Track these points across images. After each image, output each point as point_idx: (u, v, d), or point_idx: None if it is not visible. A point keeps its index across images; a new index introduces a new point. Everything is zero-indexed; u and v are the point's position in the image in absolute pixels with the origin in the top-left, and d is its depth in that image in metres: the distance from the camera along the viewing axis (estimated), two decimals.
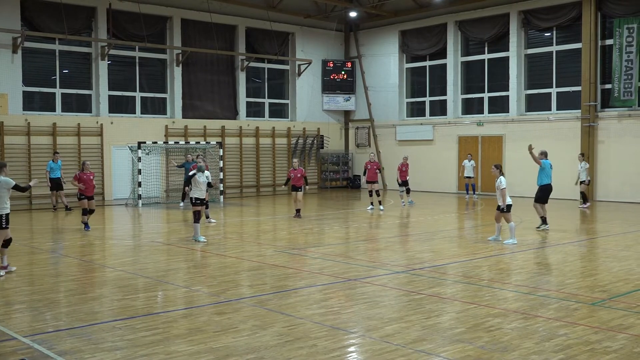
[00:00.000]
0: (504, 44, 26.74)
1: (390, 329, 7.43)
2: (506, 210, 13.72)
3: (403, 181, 22.82)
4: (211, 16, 26.74)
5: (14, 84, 22.87)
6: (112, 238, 15.57)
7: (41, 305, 8.68)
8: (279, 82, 30.82)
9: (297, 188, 18.94)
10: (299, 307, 8.51)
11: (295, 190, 18.96)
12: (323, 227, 17.15)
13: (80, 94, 24.85)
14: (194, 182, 14.59)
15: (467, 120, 27.87)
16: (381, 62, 30.91)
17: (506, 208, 13.71)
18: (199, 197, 14.56)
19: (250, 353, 6.56)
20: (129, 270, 11.24)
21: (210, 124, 27.46)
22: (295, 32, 30.25)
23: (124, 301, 8.93)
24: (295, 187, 18.96)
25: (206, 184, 14.68)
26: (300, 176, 18.95)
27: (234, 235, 15.89)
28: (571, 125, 24.53)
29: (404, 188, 22.88)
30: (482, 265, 11.55)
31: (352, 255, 12.77)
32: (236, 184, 28.13)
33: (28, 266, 11.60)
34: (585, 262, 12.09)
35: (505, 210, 13.71)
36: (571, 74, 24.91)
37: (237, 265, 11.71)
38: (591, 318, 7.88)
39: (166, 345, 6.82)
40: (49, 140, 23.35)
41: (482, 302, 8.72)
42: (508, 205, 13.73)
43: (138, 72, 26.13)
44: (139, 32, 25.15)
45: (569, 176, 24.36)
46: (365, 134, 31.72)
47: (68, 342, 6.92)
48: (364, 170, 21.64)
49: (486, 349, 6.66)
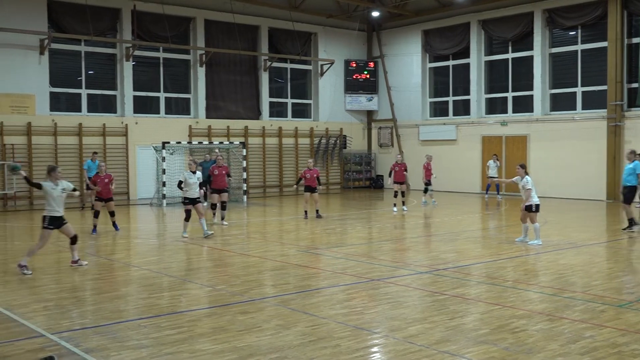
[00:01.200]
0: (528, 43, 26.50)
1: (413, 329, 7.41)
2: (534, 210, 13.60)
3: (428, 180, 22.84)
4: (234, 17, 26.87)
5: (41, 85, 23.19)
6: (137, 237, 15.71)
7: (68, 303, 8.79)
8: (302, 82, 30.87)
9: (313, 189, 18.84)
10: (322, 307, 8.52)
11: (310, 191, 18.86)
12: (346, 227, 17.14)
13: (105, 94, 25.13)
14: (185, 183, 15.15)
15: (491, 120, 27.69)
16: (404, 61, 30.82)
17: (535, 208, 13.59)
18: (188, 196, 15.06)
19: (273, 352, 6.58)
20: (154, 269, 11.33)
21: (234, 124, 27.59)
22: (318, 32, 30.28)
23: (149, 300, 9.01)
24: (311, 187, 18.85)
25: (197, 185, 15.16)
26: (315, 177, 18.93)
27: (257, 235, 15.95)
28: (597, 125, 24.25)
29: (429, 187, 22.96)
30: (506, 266, 11.47)
31: (376, 255, 12.76)
32: (259, 184, 28.22)
33: (55, 264, 11.75)
34: (611, 263, 11.95)
35: (533, 210, 13.59)
36: (596, 73, 24.62)
37: (260, 264, 11.75)
38: (618, 320, 7.78)
39: (190, 344, 6.87)
40: (75, 141, 23.64)
41: (506, 303, 8.66)
42: (536, 205, 13.62)
43: (162, 73, 26.34)
44: (163, 33, 25.35)
45: (595, 176, 24.13)
46: (388, 134, 31.65)
47: (94, 340, 7.00)
48: (390, 171, 21.58)
49: (511, 351, 6.61)
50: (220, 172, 17.43)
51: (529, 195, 13.55)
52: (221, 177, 17.44)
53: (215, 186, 17.43)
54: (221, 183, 17.43)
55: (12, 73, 22.53)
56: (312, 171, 18.99)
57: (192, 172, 15.27)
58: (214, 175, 17.45)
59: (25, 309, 8.40)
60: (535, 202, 13.62)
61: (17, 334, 7.31)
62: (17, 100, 22.63)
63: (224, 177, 17.54)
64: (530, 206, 13.62)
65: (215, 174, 17.40)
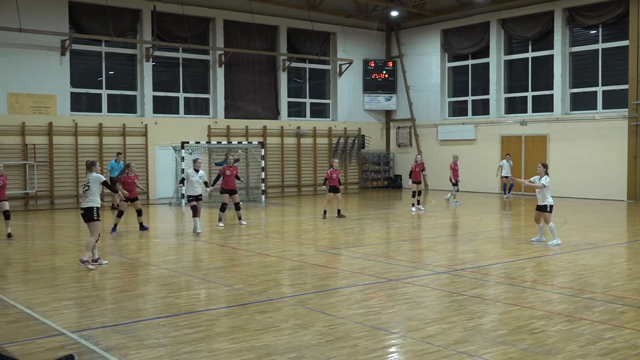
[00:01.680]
0: (548, 42, 26.30)
1: (431, 329, 7.39)
2: (548, 210, 13.49)
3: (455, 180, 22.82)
4: (253, 17, 26.94)
5: (62, 86, 23.43)
6: (156, 237, 15.81)
7: (88, 302, 8.87)
8: (320, 82, 30.88)
9: (336, 189, 18.91)
10: (340, 306, 8.52)
11: (334, 192, 18.92)
12: (364, 227, 17.13)
13: (125, 94, 25.32)
14: (187, 181, 15.93)
15: (510, 120, 27.51)
16: (423, 61, 30.72)
17: (549, 208, 13.49)
18: (191, 194, 15.76)
19: (291, 352, 6.60)
20: (172, 268, 11.41)
21: (252, 124, 27.67)
22: (337, 31, 30.27)
23: (167, 299, 9.07)
24: (335, 187, 18.92)
25: (200, 183, 15.82)
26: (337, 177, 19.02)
27: (275, 235, 15.98)
28: (618, 125, 24.00)
29: (457, 187, 22.98)
30: (525, 267, 11.40)
31: (393, 255, 12.73)
32: (277, 183, 28.29)
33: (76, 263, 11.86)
34: (632, 264, 11.82)
35: (548, 210, 13.49)
36: (617, 72, 24.37)
37: (278, 264, 11.78)
38: (638, 321, 7.70)
39: (209, 343, 6.91)
40: (95, 141, 23.86)
41: (525, 303, 8.61)
42: (550, 206, 13.51)
43: (181, 73, 26.49)
44: (183, 33, 25.49)
45: (615, 176, 23.90)
46: (407, 133, 31.56)
47: (114, 338, 7.07)
48: (410, 172, 21.67)
49: (529, 352, 6.57)
50: (232, 172, 17.52)
51: (545, 194, 13.43)
52: (233, 178, 17.52)
53: (227, 186, 17.44)
54: (232, 183, 17.50)
55: (34, 74, 22.79)
56: (338, 172, 19.10)
57: (195, 171, 15.88)
58: (225, 175, 17.48)
59: (46, 307, 8.50)
60: (550, 202, 13.50)
61: (37, 332, 7.40)
62: (38, 101, 22.89)
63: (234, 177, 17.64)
64: (545, 206, 13.49)
65: (227, 174, 17.47)
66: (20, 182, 22.59)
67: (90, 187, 11.35)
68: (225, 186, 17.43)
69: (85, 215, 11.39)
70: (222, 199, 17.55)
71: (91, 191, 11.35)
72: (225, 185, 17.45)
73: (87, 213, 11.34)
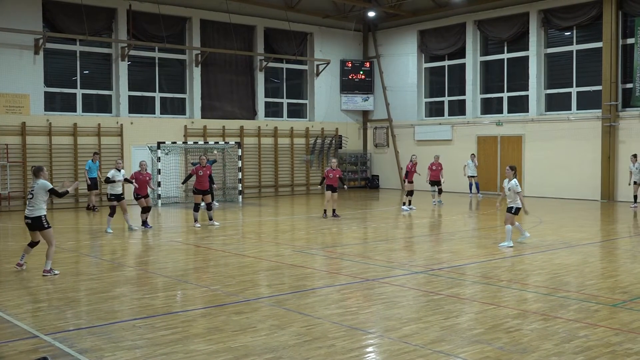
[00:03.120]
0: (523, 43, 26.54)
1: (408, 329, 7.42)
2: (513, 212, 13.47)
3: (433, 181, 22.89)
4: (230, 17, 26.84)
5: (36, 85, 23.13)
6: (131, 237, 15.68)
7: (62, 303, 8.77)
8: (298, 82, 30.86)
9: (334, 188, 18.90)
10: (317, 307, 8.53)
11: (332, 190, 18.89)
12: (341, 227, 17.14)
13: (100, 94, 25.07)
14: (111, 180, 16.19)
15: (486, 120, 27.72)
16: (399, 61, 30.84)
17: (515, 210, 13.46)
18: (114, 193, 16.23)
19: (268, 352, 6.58)
20: (149, 269, 11.32)
21: (229, 124, 27.57)
22: (314, 32, 30.28)
23: (143, 300, 8.99)
24: (332, 187, 18.90)
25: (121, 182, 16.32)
26: (338, 177, 19.02)
27: (252, 235, 15.95)
28: (592, 125, 24.30)
29: (436, 188, 23.07)
30: (501, 266, 11.49)
31: (371, 255, 12.76)
32: (254, 184, 28.21)
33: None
34: (605, 263, 11.98)
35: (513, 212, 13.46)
36: (591, 74, 24.66)
37: (255, 265, 11.75)
38: (612, 320, 7.80)
39: (185, 344, 6.87)
40: (69, 141, 23.59)
41: (501, 302, 8.68)
42: (517, 209, 13.49)
43: (157, 73, 26.30)
44: (159, 32, 25.32)
45: (590, 176, 24.19)
46: (384, 134, 31.66)
47: (88, 341, 6.99)
48: (406, 172, 21.97)
49: (505, 350, 6.62)
50: (205, 172, 17.47)
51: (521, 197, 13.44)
52: (206, 178, 17.47)
53: (200, 187, 17.38)
54: (205, 184, 17.45)
55: (7, 73, 22.47)
56: (335, 171, 19.11)
57: (118, 170, 16.33)
58: (198, 175, 17.41)
59: (19, 309, 8.39)
60: (518, 205, 13.48)
61: (10, 334, 7.29)
62: (11, 100, 22.58)
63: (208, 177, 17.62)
64: (511, 208, 13.48)
65: (199, 175, 17.40)
66: None
67: (35, 195, 10.70)
68: (199, 186, 17.37)
69: (34, 224, 10.77)
70: (195, 199, 17.49)
71: (36, 199, 10.70)
72: (199, 185, 17.38)
73: (36, 222, 10.74)
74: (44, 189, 10.76)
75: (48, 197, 10.90)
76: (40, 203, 10.75)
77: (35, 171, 10.93)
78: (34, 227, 10.84)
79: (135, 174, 16.91)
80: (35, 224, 10.78)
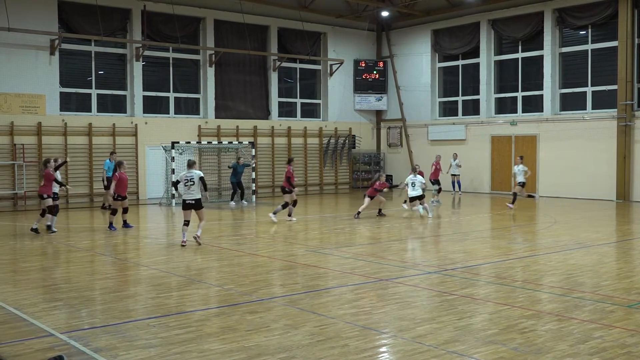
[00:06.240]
0: (538, 42, 26.40)
1: (422, 329, 7.40)
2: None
3: (434, 180, 23.29)
4: (244, 17, 26.91)
5: (52, 85, 23.32)
6: (146, 237, 15.76)
7: (77, 302, 8.82)
8: (311, 82, 30.87)
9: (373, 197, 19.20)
10: (331, 306, 8.52)
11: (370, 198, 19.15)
12: (355, 227, 17.13)
13: (115, 94, 25.23)
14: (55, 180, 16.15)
15: (500, 120, 27.61)
16: (413, 61, 30.77)
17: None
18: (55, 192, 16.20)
19: (281, 352, 6.59)
20: (163, 268, 11.37)
21: (243, 124, 27.63)
22: (327, 32, 30.28)
23: (157, 299, 9.04)
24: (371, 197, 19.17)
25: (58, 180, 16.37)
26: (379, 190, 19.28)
27: (265, 235, 15.97)
28: (607, 125, 24.13)
29: (437, 187, 23.59)
30: (515, 266, 11.43)
31: (384, 255, 12.74)
32: (268, 183, 28.26)
33: (65, 264, 11.83)
34: (621, 263, 11.89)
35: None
36: (607, 73, 24.50)
37: (268, 264, 11.77)
38: (627, 321, 7.75)
39: (199, 344, 6.89)
40: (84, 140, 23.76)
41: (515, 303, 8.63)
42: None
43: (172, 73, 26.42)
44: (173, 33, 25.43)
45: (605, 176, 24.03)
46: (397, 133, 31.61)
47: (103, 339, 7.03)
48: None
49: (519, 351, 6.59)
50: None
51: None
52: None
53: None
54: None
55: (23, 73, 22.67)
56: (383, 185, 19.45)
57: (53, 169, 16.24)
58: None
59: (35, 308, 8.45)
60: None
61: (26, 333, 7.35)
62: (27, 100, 22.77)
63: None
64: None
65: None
66: (9, 182, 22.47)
67: (195, 182, 13.37)
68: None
69: (197, 204, 13.48)
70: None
71: (196, 186, 13.37)
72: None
73: (198, 202, 13.46)
74: (199, 177, 13.47)
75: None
76: (197, 188, 13.43)
77: (192, 163, 13.73)
78: (197, 207, 13.49)
79: (120, 174, 16.02)
80: (198, 204, 13.47)
